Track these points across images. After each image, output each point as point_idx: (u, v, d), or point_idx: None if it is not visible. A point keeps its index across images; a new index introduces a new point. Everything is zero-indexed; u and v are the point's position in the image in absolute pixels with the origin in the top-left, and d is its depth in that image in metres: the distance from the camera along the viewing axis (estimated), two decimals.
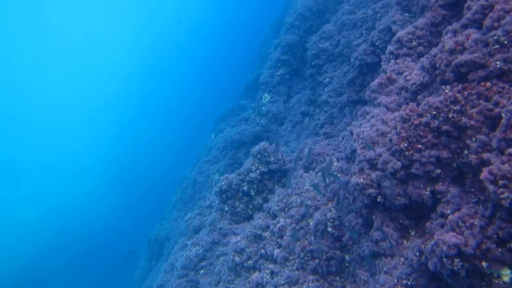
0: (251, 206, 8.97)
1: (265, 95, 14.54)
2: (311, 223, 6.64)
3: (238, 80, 27.96)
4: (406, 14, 8.27)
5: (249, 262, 7.12)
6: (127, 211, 41.86)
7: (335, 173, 7.45)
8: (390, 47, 6.68)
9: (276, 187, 9.00)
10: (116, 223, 40.15)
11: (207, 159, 15.97)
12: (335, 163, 7.87)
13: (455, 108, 4.61)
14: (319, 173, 7.64)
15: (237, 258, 7.30)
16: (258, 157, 9.10)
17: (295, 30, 14.70)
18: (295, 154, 9.62)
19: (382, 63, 6.94)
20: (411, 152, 4.91)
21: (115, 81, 62.24)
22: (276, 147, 9.29)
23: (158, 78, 59.87)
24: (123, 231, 37.23)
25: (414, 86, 5.58)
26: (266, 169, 9.03)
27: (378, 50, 8.99)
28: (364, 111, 6.55)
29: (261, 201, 9.00)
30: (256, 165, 9.10)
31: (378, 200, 5.23)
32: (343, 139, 8.56)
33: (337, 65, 12.12)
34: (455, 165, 4.70)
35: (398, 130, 5.09)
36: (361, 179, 5.35)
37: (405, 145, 4.96)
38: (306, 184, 7.65)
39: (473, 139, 4.40)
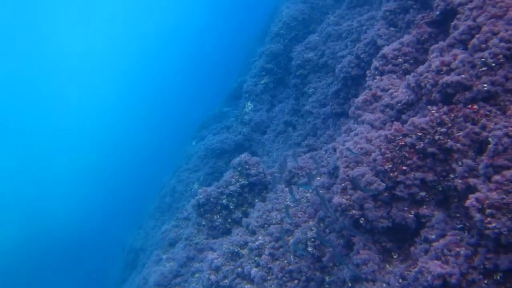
0: (229, 220, 8.66)
1: (248, 104, 14.29)
2: (290, 241, 6.38)
3: (223, 88, 27.68)
4: (392, 29, 8.20)
5: (225, 281, 6.80)
6: (104, 217, 40.70)
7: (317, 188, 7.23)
8: (375, 63, 6.55)
9: (256, 201, 8.72)
10: (92, 229, 38.95)
11: (187, 167, 15.56)
12: (318, 178, 7.66)
13: (441, 130, 4.46)
14: (300, 189, 7.41)
15: (212, 277, 6.96)
16: (239, 169, 8.81)
17: (280, 39, 14.56)
18: (276, 166, 9.38)
19: (367, 78, 6.80)
20: (395, 173, 4.73)
21: (94, 88, 60.70)
22: (258, 159, 9.02)
23: (140, 84, 58.78)
24: (99, 238, 36.10)
25: (399, 104, 5.43)
26: (246, 182, 8.75)
27: (363, 63, 8.88)
28: (348, 127, 6.37)
29: (240, 215, 8.70)
30: (236, 177, 8.81)
31: (361, 222, 5.02)
32: (326, 152, 8.37)
33: (321, 76, 12.01)
34: (440, 189, 4.54)
35: (382, 150, 4.91)
36: (344, 200, 5.14)
37: (390, 166, 4.77)
38: (287, 200, 7.40)
39: (459, 163, 4.25)
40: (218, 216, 8.64)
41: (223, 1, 53.76)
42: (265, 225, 7.04)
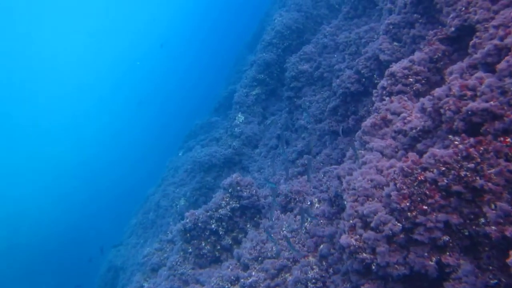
0: (218, 247, 7.92)
1: (239, 116, 13.61)
2: (288, 279, 5.69)
3: (211, 95, 26.94)
4: (395, 43, 7.67)
5: None
6: (83, 218, 39.20)
7: (314, 216, 6.58)
8: (383, 82, 5.96)
9: (248, 226, 8.01)
10: (68, 244, 37.38)
11: (173, 181, 14.73)
12: (316, 205, 7.01)
13: (469, 165, 3.86)
14: (298, 217, 6.74)
15: None
16: (230, 190, 8.10)
17: (273, 48, 13.97)
18: (269, 187, 8.69)
19: (374, 98, 6.21)
20: (414, 213, 4.11)
21: (79, 92, 58.95)
22: (251, 179, 8.32)
23: (124, 89, 57.28)
24: (76, 254, 34.54)
25: (414, 131, 4.83)
26: (238, 205, 8.04)
27: (364, 79, 8.34)
28: (354, 154, 5.74)
29: (230, 241, 7.97)
30: (227, 199, 8.09)
31: (373, 267, 4.37)
32: (324, 175, 7.74)
33: (317, 89, 11.44)
34: (466, 233, 3.94)
35: (398, 185, 4.28)
36: (353, 240, 4.49)
37: (407, 204, 4.15)
38: (283, 229, 6.72)
39: (492, 205, 3.66)
40: (206, 243, 7.88)
41: (211, 4, 53.16)
42: (259, 258, 6.33)
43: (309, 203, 7.14)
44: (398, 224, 4.22)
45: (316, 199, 7.12)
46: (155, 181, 18.51)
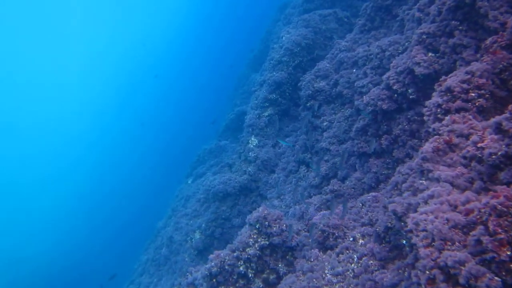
0: None
1: (252, 139, 12.86)
2: None
3: (212, 115, 26.23)
4: (431, 54, 6.98)
5: None
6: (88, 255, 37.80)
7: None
8: (437, 99, 5.22)
9: (279, 265, 7.13)
10: (71, 284, 35.90)
11: (185, 212, 13.85)
12: (360, 241, 6.15)
13: None
14: (342, 257, 5.87)
15: None
16: (257, 226, 7.25)
17: (283, 66, 13.34)
18: (300, 221, 7.84)
19: (426, 117, 5.45)
20: None
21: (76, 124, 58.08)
22: (279, 213, 7.49)
23: (127, 109, 56.64)
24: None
25: (493, 157, 4.04)
26: (267, 243, 7.19)
27: (396, 95, 7.60)
28: (412, 185, 4.93)
29: (261, 285, 7.07)
30: (254, 237, 7.24)
31: None
32: (363, 205, 6.90)
33: (336, 107, 10.72)
34: None
35: (491, 228, 3.47)
36: None
37: (509, 253, 3.33)
38: (326, 272, 5.84)
39: None
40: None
41: (209, 24, 53.22)
42: None
43: (351, 239, 6.28)
44: (496, 278, 3.39)
45: (359, 234, 6.27)
46: (163, 212, 17.62)
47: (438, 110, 5.12)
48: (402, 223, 4.76)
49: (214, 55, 49.79)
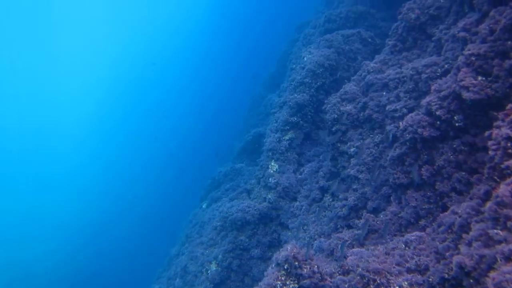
0: None
1: (272, 164, 12.18)
2: None
3: (228, 140, 25.65)
4: (481, 78, 6.27)
5: None
6: None
7: None
8: (508, 131, 4.49)
9: None
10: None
11: (200, 241, 13.08)
12: None
13: None
14: None
15: None
16: (285, 267, 6.48)
17: (305, 88, 12.78)
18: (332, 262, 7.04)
19: (492, 152, 4.71)
20: None
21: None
22: (307, 251, 6.71)
23: (139, 133, 55.98)
24: None
25: None
26: (297, 286, 6.38)
27: (439, 122, 6.88)
28: (483, 234, 4.15)
29: None
30: (283, 279, 6.46)
31: None
32: (407, 246, 6.10)
33: (364, 133, 10.02)
34: None
35: None
36: None
37: None
38: None
39: None
40: None
41: (225, 44, 53.43)
42: None
43: (397, 287, 5.46)
44: None
45: (406, 283, 5.45)
46: (175, 235, 16.87)
47: (509, 145, 4.38)
48: (472, 280, 3.96)
49: (230, 74, 49.71)
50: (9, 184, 53.09)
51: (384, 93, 9.83)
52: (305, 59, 13.61)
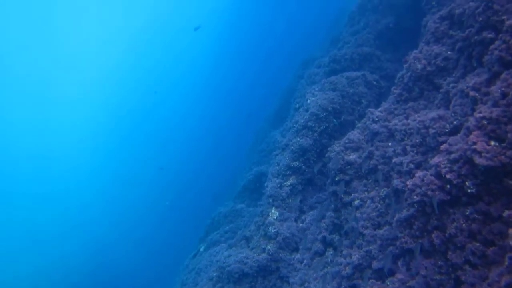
0: None
1: (273, 211, 11.65)
2: None
3: (230, 178, 25.11)
4: (494, 143, 5.85)
5: None
6: None
7: None
8: None
9: None
10: None
11: None
12: None
13: None
14: None
15: None
16: None
17: (308, 132, 12.42)
18: None
19: None
20: None
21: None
22: None
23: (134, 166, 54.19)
24: None
25: None
26: None
27: (450, 186, 6.39)
28: None
29: None
30: None
31: None
32: None
33: (369, 185, 9.54)
34: None
35: None
36: None
37: None
38: None
39: None
40: None
41: (227, 77, 53.77)
42: None
43: None
44: None
45: None
46: (171, 279, 16.09)
47: None
48: None
49: (232, 107, 49.58)
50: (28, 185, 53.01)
51: (390, 143, 9.42)
52: (309, 101, 13.34)
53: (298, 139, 12.45)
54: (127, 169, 52.59)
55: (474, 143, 5.95)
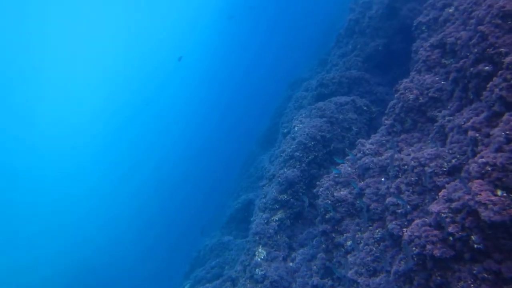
0: None
1: (260, 250, 10.80)
2: None
3: (219, 203, 24.16)
4: (502, 193, 5.19)
5: None
6: None
7: None
8: None
9: None
10: None
11: None
12: None
13: None
14: None
15: None
16: None
17: (295, 162, 11.72)
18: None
19: None
20: None
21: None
22: None
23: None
24: None
25: None
26: None
27: (452, 239, 5.67)
28: None
29: None
30: None
31: None
32: None
33: (362, 224, 8.77)
34: None
35: None
36: None
37: None
38: None
39: None
40: None
41: (218, 98, 53.24)
42: None
43: None
44: None
45: None
46: None
47: None
48: None
49: (223, 128, 48.50)
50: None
51: (383, 179, 8.74)
52: (296, 128, 12.69)
53: (285, 170, 11.73)
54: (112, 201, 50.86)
55: (478, 193, 5.27)
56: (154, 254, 33.36)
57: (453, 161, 6.83)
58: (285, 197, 11.44)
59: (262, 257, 10.63)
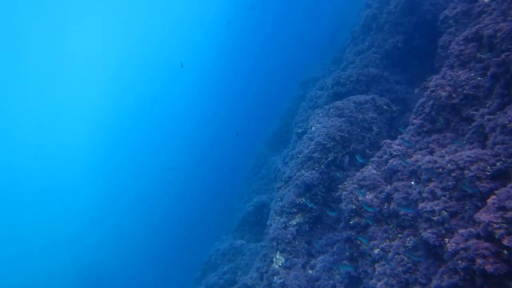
0: None
1: (277, 256, 10.25)
2: None
3: (226, 206, 23.57)
4: None
5: None
6: None
7: None
8: None
9: None
10: None
11: None
12: None
13: None
14: None
15: None
16: None
17: (314, 164, 11.13)
18: None
19: None
20: None
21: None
22: None
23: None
24: None
25: None
26: None
27: (507, 253, 5.07)
28: None
29: None
30: None
31: None
32: None
33: (391, 231, 8.20)
34: None
35: None
36: None
37: None
38: None
39: None
40: None
41: (224, 101, 52.57)
42: None
43: None
44: None
45: None
46: None
47: None
48: None
49: (230, 129, 47.44)
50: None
51: (413, 183, 8.13)
52: (313, 128, 12.10)
53: (303, 171, 11.15)
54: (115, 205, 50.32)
55: None
56: (161, 258, 32.86)
57: (498, 164, 6.22)
58: (303, 200, 10.86)
59: (280, 264, 10.08)
